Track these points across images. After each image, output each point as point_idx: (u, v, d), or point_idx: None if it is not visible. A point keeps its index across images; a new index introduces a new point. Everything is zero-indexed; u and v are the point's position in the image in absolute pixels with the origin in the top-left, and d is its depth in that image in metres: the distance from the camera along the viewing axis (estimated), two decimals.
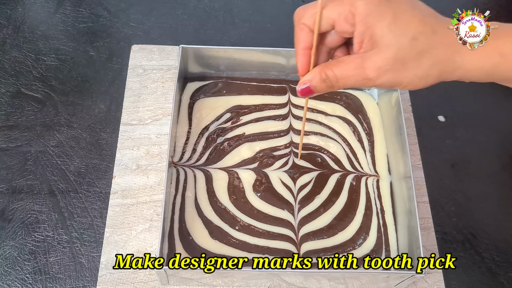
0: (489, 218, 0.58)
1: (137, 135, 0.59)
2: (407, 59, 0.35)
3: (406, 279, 0.47)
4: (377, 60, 0.35)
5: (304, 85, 0.39)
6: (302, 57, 0.39)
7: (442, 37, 0.35)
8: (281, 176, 0.56)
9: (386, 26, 0.34)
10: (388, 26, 0.34)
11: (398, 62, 0.35)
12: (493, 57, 0.35)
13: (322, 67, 0.38)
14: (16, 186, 0.56)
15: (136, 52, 0.65)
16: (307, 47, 0.39)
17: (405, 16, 0.35)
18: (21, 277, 0.51)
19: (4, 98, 0.62)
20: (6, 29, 0.68)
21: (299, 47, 0.39)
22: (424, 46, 0.34)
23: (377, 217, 0.54)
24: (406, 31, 0.34)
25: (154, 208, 0.54)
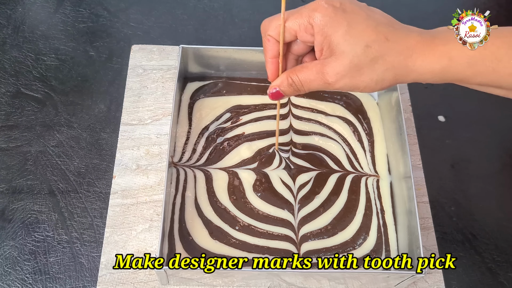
0: (489, 218, 0.58)
1: (137, 135, 0.59)
2: (362, 65, 0.38)
3: (406, 279, 0.47)
4: (335, 66, 0.38)
5: (273, 90, 0.44)
6: (271, 65, 0.43)
7: (394, 44, 0.37)
8: (281, 175, 0.56)
9: (341, 35, 0.37)
10: (343, 35, 0.37)
11: (354, 68, 0.38)
12: (442, 61, 0.37)
13: (288, 73, 0.42)
14: (16, 186, 0.56)
15: (136, 52, 0.65)
16: (274, 56, 0.43)
17: (359, 25, 0.37)
18: (21, 277, 0.51)
19: (4, 98, 0.62)
20: (6, 29, 0.68)
21: (267, 56, 0.43)
22: (377, 53, 0.37)
23: (377, 217, 0.54)
24: (360, 40, 0.37)
25: (154, 208, 0.54)
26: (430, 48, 0.37)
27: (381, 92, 0.62)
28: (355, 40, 0.37)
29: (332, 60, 0.38)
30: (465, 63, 0.36)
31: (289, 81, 0.42)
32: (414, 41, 0.37)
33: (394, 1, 0.75)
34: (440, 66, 0.37)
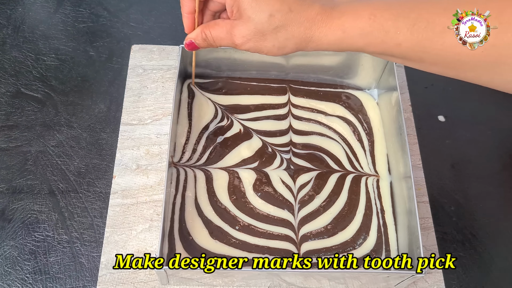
0: (489, 218, 0.58)
1: (137, 135, 0.59)
2: (265, 32, 0.40)
3: (406, 279, 0.47)
4: (241, 30, 0.41)
5: (189, 41, 0.47)
6: (187, 20, 0.47)
7: (296, 15, 0.39)
8: (281, 175, 0.56)
9: (248, 2, 0.39)
10: (250, 2, 0.39)
11: (258, 34, 0.41)
12: (336, 33, 0.39)
13: (202, 28, 0.45)
14: (16, 186, 0.56)
15: (136, 52, 0.65)
16: (191, 11, 0.46)
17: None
18: (21, 277, 0.51)
19: (4, 98, 0.62)
20: (6, 29, 0.68)
21: (183, 11, 0.46)
22: (279, 22, 0.40)
23: (377, 217, 0.54)
24: (265, 8, 0.39)
25: (154, 208, 0.54)
26: (327, 21, 0.39)
27: (381, 92, 0.62)
28: (260, 8, 0.39)
29: (240, 23, 0.41)
30: (357, 34, 0.39)
31: (203, 36, 0.45)
32: (315, 12, 0.39)
33: None
34: (335, 38, 0.39)
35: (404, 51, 0.38)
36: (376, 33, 0.38)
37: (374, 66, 0.60)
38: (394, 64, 0.57)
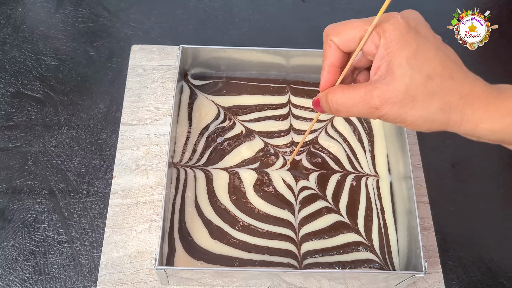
0: (489, 218, 0.58)
1: (137, 135, 0.59)
2: (417, 97, 0.34)
3: (406, 279, 0.47)
4: (387, 90, 0.34)
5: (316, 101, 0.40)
6: (327, 73, 0.39)
7: (458, 84, 0.34)
8: (282, 175, 0.56)
9: (405, 56, 0.34)
10: (407, 57, 0.33)
11: (407, 97, 0.34)
12: (506, 119, 0.33)
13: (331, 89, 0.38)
14: (16, 186, 0.56)
15: (136, 52, 0.65)
16: (333, 64, 0.38)
17: (428, 53, 0.34)
18: (21, 277, 0.51)
19: (4, 98, 0.62)
20: (6, 29, 0.68)
21: (325, 62, 0.39)
22: (437, 88, 0.34)
23: (378, 217, 0.54)
24: (423, 68, 0.33)
25: (154, 208, 0.54)
26: (495, 102, 0.33)
27: None
28: (418, 66, 0.33)
29: (386, 83, 0.34)
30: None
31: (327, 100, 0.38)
32: (480, 89, 0.34)
33: (395, 1, 0.75)
34: (502, 125, 0.33)
35: None
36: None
37: None
38: None
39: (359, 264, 0.51)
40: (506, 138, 0.34)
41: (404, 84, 0.33)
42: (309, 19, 0.72)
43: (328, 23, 0.40)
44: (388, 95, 0.34)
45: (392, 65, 0.34)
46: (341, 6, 0.73)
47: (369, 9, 0.73)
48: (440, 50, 0.34)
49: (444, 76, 0.33)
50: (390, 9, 0.51)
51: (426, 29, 0.35)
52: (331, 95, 0.37)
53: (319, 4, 0.74)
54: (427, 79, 0.33)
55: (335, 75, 0.39)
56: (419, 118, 0.35)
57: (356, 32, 0.36)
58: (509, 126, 0.33)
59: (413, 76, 0.33)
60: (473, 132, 0.35)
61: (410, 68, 0.33)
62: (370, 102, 0.35)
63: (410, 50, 0.33)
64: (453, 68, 0.34)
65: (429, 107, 0.34)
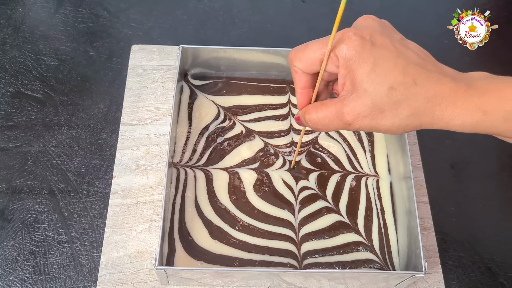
0: (489, 218, 0.58)
1: (137, 135, 0.59)
2: (384, 107, 0.35)
3: (406, 279, 0.47)
4: (355, 106, 0.35)
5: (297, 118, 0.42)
6: (300, 95, 0.40)
7: (423, 89, 0.34)
8: (282, 175, 0.56)
9: (365, 73, 0.34)
10: (367, 73, 0.34)
11: (376, 110, 0.35)
12: (475, 114, 0.34)
13: (305, 110, 0.39)
14: (16, 186, 0.56)
15: (136, 52, 0.65)
16: (304, 86, 0.40)
17: (387, 64, 0.34)
18: (21, 277, 0.51)
19: (4, 98, 0.62)
20: (6, 29, 0.68)
21: (296, 86, 0.40)
22: (401, 96, 0.34)
23: (378, 217, 0.54)
24: (384, 80, 0.34)
25: (154, 208, 0.54)
26: (463, 99, 0.34)
27: None
28: (380, 79, 0.34)
29: (353, 99, 0.35)
30: (501, 118, 0.33)
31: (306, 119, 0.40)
32: (447, 88, 0.34)
33: (395, 1, 0.75)
34: (472, 120, 0.34)
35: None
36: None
37: None
38: None
39: (359, 264, 0.51)
40: (479, 131, 0.35)
41: (370, 99, 0.34)
42: (308, 20, 0.72)
43: (327, 23, 0.40)
44: (358, 111, 0.35)
45: (355, 82, 0.35)
46: None
47: (368, 9, 0.73)
48: (400, 55, 0.35)
49: (407, 83, 0.34)
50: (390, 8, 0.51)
51: (382, 37, 0.35)
52: (307, 115, 0.39)
53: (319, 4, 0.74)
54: (390, 90, 0.34)
55: (309, 95, 0.40)
56: (392, 126, 0.35)
57: (316, 55, 0.37)
58: (479, 121, 0.34)
59: (376, 90, 0.34)
60: (446, 127, 0.35)
61: (372, 83, 0.34)
62: (342, 119, 0.36)
63: (368, 65, 0.34)
64: (415, 72, 0.34)
65: (398, 115, 0.35)
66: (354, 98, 0.35)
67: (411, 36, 0.38)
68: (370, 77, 0.34)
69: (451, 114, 0.34)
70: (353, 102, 0.35)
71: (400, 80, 0.34)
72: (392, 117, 0.35)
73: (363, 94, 0.35)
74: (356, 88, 0.35)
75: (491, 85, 0.34)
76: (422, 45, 0.37)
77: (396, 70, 0.34)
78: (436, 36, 0.70)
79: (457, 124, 0.35)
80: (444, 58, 0.37)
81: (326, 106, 0.37)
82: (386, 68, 0.34)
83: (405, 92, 0.34)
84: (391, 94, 0.34)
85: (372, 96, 0.34)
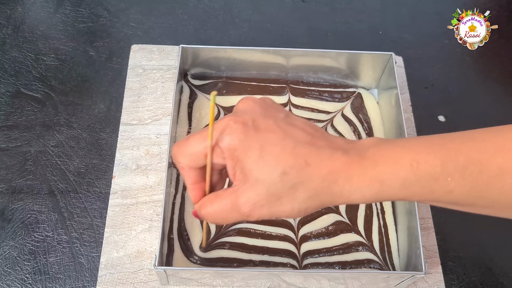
0: (490, 218, 0.57)
1: (137, 135, 0.59)
2: (281, 194, 0.32)
3: (406, 279, 0.47)
4: (250, 196, 0.33)
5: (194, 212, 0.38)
6: (193, 191, 0.37)
7: (315, 169, 0.32)
8: None
9: (253, 161, 0.32)
10: (256, 161, 0.32)
11: (272, 198, 0.32)
12: (373, 186, 0.32)
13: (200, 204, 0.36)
14: (15, 186, 0.56)
15: (136, 52, 0.65)
16: (195, 181, 0.37)
17: (274, 148, 0.32)
18: (21, 277, 0.51)
19: (4, 98, 0.62)
20: (5, 29, 0.68)
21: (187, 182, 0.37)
22: (296, 180, 0.32)
23: (378, 218, 0.54)
24: (275, 166, 0.32)
25: (154, 208, 0.54)
26: (358, 172, 0.32)
27: (381, 91, 0.62)
28: (270, 166, 0.32)
29: (247, 189, 0.33)
30: (399, 185, 0.32)
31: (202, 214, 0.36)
32: (340, 163, 0.32)
33: (395, 1, 0.75)
34: (371, 192, 0.32)
35: (455, 197, 0.32)
36: (423, 182, 0.32)
37: (374, 66, 0.60)
38: (394, 64, 0.57)
39: (359, 264, 0.51)
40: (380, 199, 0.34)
41: (263, 187, 0.32)
42: (309, 19, 0.72)
43: (328, 23, 0.40)
44: (253, 201, 0.33)
45: (245, 171, 0.32)
46: (341, 6, 0.73)
47: (368, 9, 0.73)
48: (287, 137, 0.33)
49: (299, 165, 0.32)
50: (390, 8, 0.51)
51: (265, 119, 0.33)
52: (203, 210, 0.36)
53: (319, 4, 0.74)
54: (283, 175, 0.32)
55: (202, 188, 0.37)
56: (292, 211, 0.33)
57: (199, 149, 0.34)
58: (378, 192, 0.32)
59: (268, 177, 0.32)
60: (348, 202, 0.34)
61: (262, 171, 0.32)
62: (239, 211, 0.33)
63: (255, 153, 0.32)
64: (306, 152, 0.32)
65: (296, 199, 0.33)
66: (247, 188, 0.33)
67: (411, 36, 0.37)
68: (259, 165, 0.32)
69: (349, 190, 0.32)
70: (247, 192, 0.33)
71: (291, 163, 0.32)
72: (290, 202, 0.33)
73: (255, 183, 0.32)
74: (247, 178, 0.33)
75: (383, 152, 0.33)
76: (423, 45, 0.37)
77: (285, 153, 0.32)
78: (437, 36, 0.70)
79: (358, 198, 0.33)
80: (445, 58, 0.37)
81: (221, 198, 0.34)
82: (275, 153, 0.32)
83: (299, 175, 0.32)
84: (285, 179, 0.32)
85: (265, 184, 0.32)
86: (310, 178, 0.32)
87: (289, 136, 0.33)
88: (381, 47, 0.68)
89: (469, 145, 0.32)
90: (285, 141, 0.33)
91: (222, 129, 0.33)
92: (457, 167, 0.31)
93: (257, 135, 0.33)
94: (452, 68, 0.69)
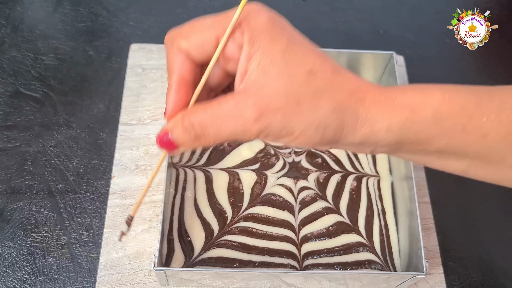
0: (491, 218, 0.57)
1: (136, 135, 0.59)
2: (302, 97, 0.27)
3: (407, 280, 0.47)
4: (264, 95, 0.27)
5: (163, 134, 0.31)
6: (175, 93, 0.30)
7: (344, 80, 0.28)
8: (282, 176, 0.56)
9: (279, 51, 0.27)
10: (282, 51, 0.27)
11: (291, 100, 0.27)
12: (403, 113, 0.28)
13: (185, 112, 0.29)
14: (14, 186, 0.56)
15: (135, 51, 0.65)
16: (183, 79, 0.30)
17: (302, 46, 0.28)
18: (20, 278, 0.50)
19: (3, 98, 0.61)
20: (4, 29, 0.67)
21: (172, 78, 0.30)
22: (321, 83, 0.27)
23: (378, 218, 0.54)
24: (302, 62, 0.27)
25: (153, 209, 0.54)
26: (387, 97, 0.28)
27: None
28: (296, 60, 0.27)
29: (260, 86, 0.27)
30: (430, 117, 0.28)
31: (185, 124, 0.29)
32: (367, 83, 0.28)
33: (395, 1, 0.75)
34: (400, 120, 0.28)
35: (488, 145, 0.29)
36: (456, 117, 0.28)
37: (375, 65, 0.60)
38: (395, 64, 0.56)
39: (360, 265, 0.51)
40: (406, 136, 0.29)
41: (283, 84, 0.27)
42: (309, 19, 0.72)
43: (328, 23, 0.39)
44: (267, 101, 0.27)
45: (264, 63, 0.27)
46: (341, 6, 0.73)
47: (369, 8, 0.72)
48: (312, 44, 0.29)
49: (327, 70, 0.27)
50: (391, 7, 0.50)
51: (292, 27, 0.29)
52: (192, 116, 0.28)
53: (319, 3, 0.74)
54: (309, 75, 0.27)
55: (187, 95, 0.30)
56: (310, 125, 0.27)
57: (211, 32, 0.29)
58: (407, 121, 0.28)
59: (292, 72, 0.27)
60: (369, 136, 0.28)
61: (286, 63, 0.27)
62: (244, 114, 0.27)
63: (283, 41, 0.27)
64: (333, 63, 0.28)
65: (319, 109, 0.27)
66: (263, 85, 0.27)
67: (411, 35, 0.37)
68: (285, 56, 0.27)
69: (375, 115, 0.28)
70: (261, 89, 0.27)
71: (319, 65, 0.27)
72: (311, 111, 0.27)
73: (275, 79, 0.27)
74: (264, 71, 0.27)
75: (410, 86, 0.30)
76: (423, 45, 0.37)
77: (314, 54, 0.28)
78: (438, 35, 0.70)
79: (383, 127, 0.28)
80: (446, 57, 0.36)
81: (219, 102, 0.28)
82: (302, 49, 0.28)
83: (326, 79, 0.27)
84: (310, 80, 0.27)
85: (287, 80, 0.27)
86: (337, 88, 0.27)
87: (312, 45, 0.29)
88: (382, 46, 0.68)
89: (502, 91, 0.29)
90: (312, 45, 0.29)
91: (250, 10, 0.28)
92: (493, 108, 0.28)
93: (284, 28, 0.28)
94: (453, 67, 0.68)
